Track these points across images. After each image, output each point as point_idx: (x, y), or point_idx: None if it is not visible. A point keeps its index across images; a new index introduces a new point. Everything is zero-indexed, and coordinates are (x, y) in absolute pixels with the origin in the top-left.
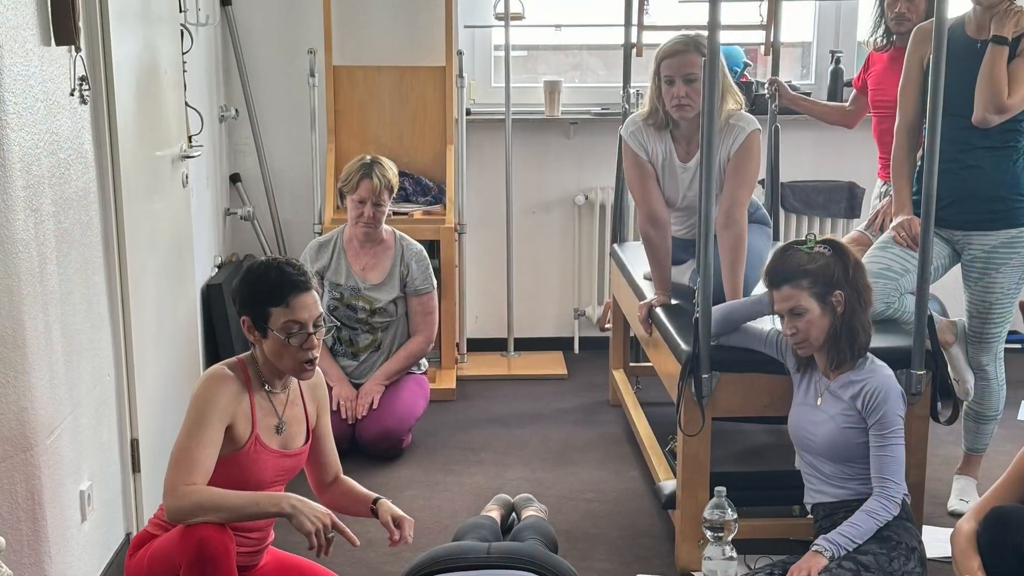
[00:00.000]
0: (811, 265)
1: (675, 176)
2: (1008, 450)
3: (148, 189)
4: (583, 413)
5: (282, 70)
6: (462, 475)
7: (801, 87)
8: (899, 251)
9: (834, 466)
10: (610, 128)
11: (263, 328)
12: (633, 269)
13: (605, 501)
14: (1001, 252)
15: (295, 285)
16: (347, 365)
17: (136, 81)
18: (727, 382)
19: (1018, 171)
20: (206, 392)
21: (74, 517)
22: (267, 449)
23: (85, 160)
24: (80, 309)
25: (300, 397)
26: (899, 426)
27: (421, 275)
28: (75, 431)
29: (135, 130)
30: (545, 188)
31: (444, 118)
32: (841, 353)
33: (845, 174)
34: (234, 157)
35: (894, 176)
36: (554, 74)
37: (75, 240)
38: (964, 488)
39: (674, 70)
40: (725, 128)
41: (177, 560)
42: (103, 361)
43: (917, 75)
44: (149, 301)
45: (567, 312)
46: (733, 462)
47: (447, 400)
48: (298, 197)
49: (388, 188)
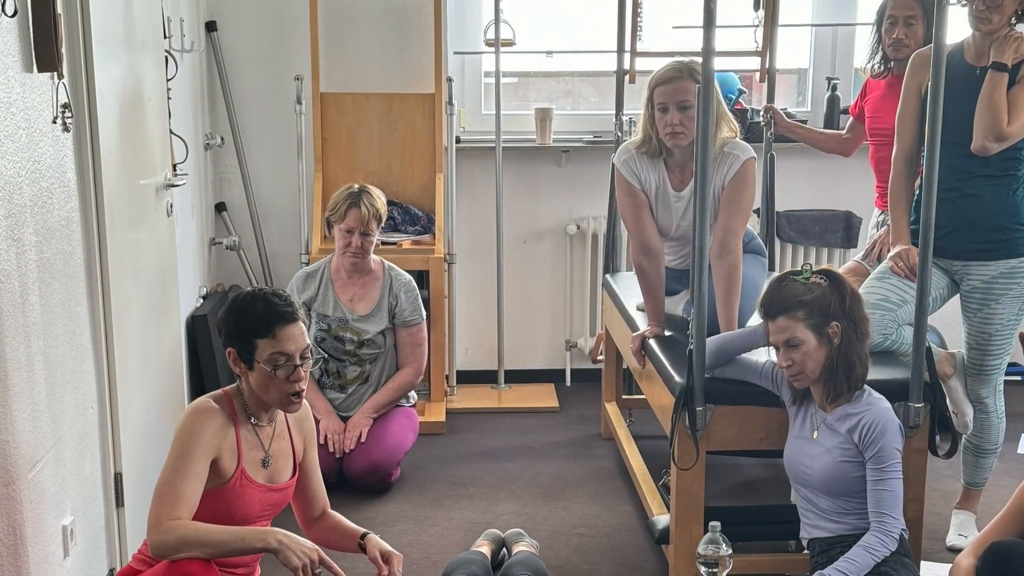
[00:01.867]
0: (807, 296)
1: (668, 205)
2: (1008, 484)
3: (132, 218)
4: (575, 446)
5: (268, 97)
6: (452, 510)
7: (797, 114)
8: (897, 281)
9: (831, 500)
10: (602, 156)
11: (249, 360)
12: (626, 300)
13: (597, 536)
14: (1001, 282)
15: (281, 316)
16: (335, 398)
17: (120, 108)
18: (722, 415)
19: (1018, 200)
20: (191, 425)
21: (56, 552)
22: (253, 483)
23: (68, 189)
24: (63, 341)
25: (287, 430)
26: (897, 460)
27: (410, 306)
28: (58, 465)
29: (119, 158)
30: (536, 217)
31: (433, 146)
32: (838, 386)
33: (842, 203)
34: (219, 186)
35: (892, 205)
36: (545, 101)
37: (58, 270)
38: (963, 523)
39: (668, 97)
40: (719, 156)
41: None
42: (86, 393)
43: (915, 102)
44: (133, 332)
45: (559, 344)
46: (728, 496)
47: (436, 433)
48: (285, 226)
49: (376, 217)
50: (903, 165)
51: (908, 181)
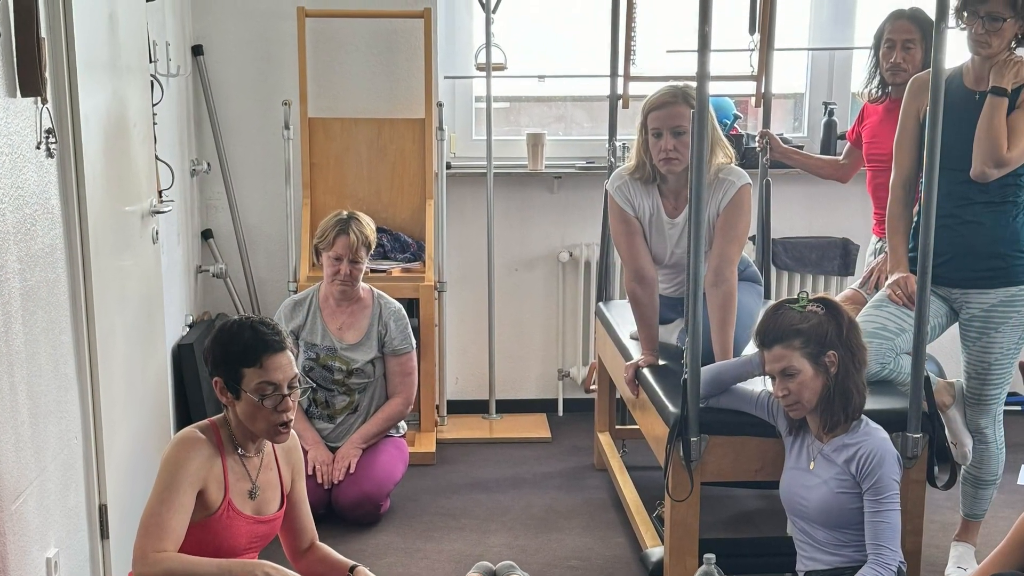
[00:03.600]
0: (803, 324)
1: (663, 232)
2: (1008, 516)
3: (117, 246)
4: (567, 478)
5: (256, 122)
6: (442, 542)
7: (793, 140)
8: (895, 309)
9: (827, 532)
10: (595, 182)
11: (236, 389)
12: (619, 328)
13: (590, 569)
14: (1000, 311)
15: (269, 345)
16: (323, 428)
17: (104, 134)
18: (716, 445)
19: (1018, 227)
20: (177, 456)
21: None
22: (240, 515)
23: (51, 215)
24: (46, 370)
25: (275, 461)
26: (895, 491)
27: (400, 335)
28: (41, 496)
29: (103, 184)
30: (528, 244)
31: (423, 172)
32: (835, 415)
33: (839, 230)
34: (206, 212)
35: (889, 232)
36: (537, 126)
37: (41, 299)
38: (962, 555)
39: (662, 122)
40: (714, 182)
41: None
42: (70, 424)
43: (913, 128)
44: (118, 361)
45: (551, 373)
46: (723, 528)
47: (427, 464)
48: (272, 254)
49: (365, 245)
50: (901, 191)
51: (906, 208)
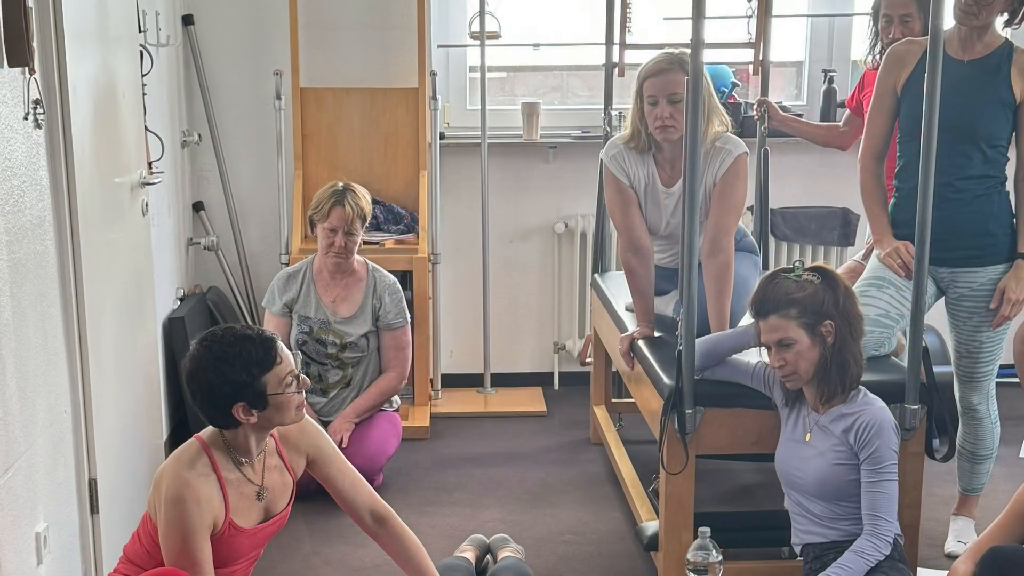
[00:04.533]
0: (799, 294)
1: (658, 202)
2: (1008, 489)
3: (106, 218)
4: (563, 452)
5: (247, 93)
6: (436, 516)
7: (792, 108)
8: (895, 292)
9: (824, 505)
10: (591, 152)
11: (262, 400)
12: (615, 300)
13: (585, 543)
14: (989, 289)
15: (271, 340)
16: (315, 402)
17: (93, 104)
18: (712, 418)
19: (1003, 201)
20: (182, 514)
21: (30, 560)
22: (241, 532)
23: (40, 187)
24: (35, 343)
25: (279, 456)
26: (892, 461)
27: (394, 308)
28: (30, 471)
29: (92, 156)
30: (523, 216)
31: (417, 142)
32: (831, 386)
33: (839, 199)
34: (197, 184)
35: (868, 204)
36: (532, 96)
37: (29, 271)
38: (961, 529)
39: (657, 90)
40: (711, 151)
41: None
42: (59, 398)
43: (889, 99)
44: (107, 335)
45: (546, 346)
46: (718, 502)
47: (420, 438)
48: (264, 226)
49: (361, 217)
50: (872, 163)
51: (879, 179)
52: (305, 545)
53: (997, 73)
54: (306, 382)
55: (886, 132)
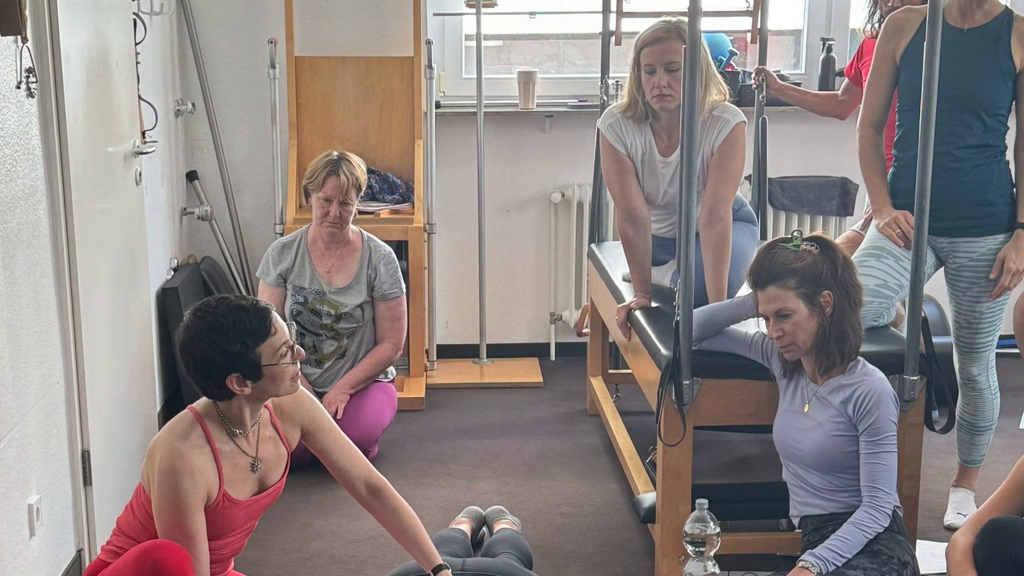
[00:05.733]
0: (797, 264)
1: (655, 171)
2: (1008, 460)
3: (99, 187)
4: (559, 423)
5: (241, 61)
6: (431, 488)
7: (790, 77)
8: (894, 263)
9: (822, 477)
10: (588, 121)
11: (257, 371)
12: (612, 270)
13: (582, 515)
14: (989, 259)
15: (265, 310)
16: (310, 373)
17: (86, 73)
18: (709, 389)
19: (1003, 170)
20: (177, 487)
21: (22, 532)
22: (235, 504)
23: (32, 156)
24: (28, 314)
25: (273, 428)
26: (892, 433)
27: (390, 279)
28: (22, 442)
29: (85, 125)
30: (519, 185)
31: (412, 111)
32: (830, 356)
33: (837, 169)
34: (191, 153)
35: (866, 174)
36: (529, 64)
37: (22, 241)
38: (961, 501)
39: (655, 58)
40: (708, 120)
41: None
42: (52, 368)
43: (888, 68)
44: (101, 305)
45: (542, 316)
46: (716, 473)
47: (415, 410)
48: (259, 195)
49: (356, 186)
50: (871, 131)
51: (878, 147)
52: (300, 517)
53: (997, 41)
54: (301, 353)
55: (885, 101)
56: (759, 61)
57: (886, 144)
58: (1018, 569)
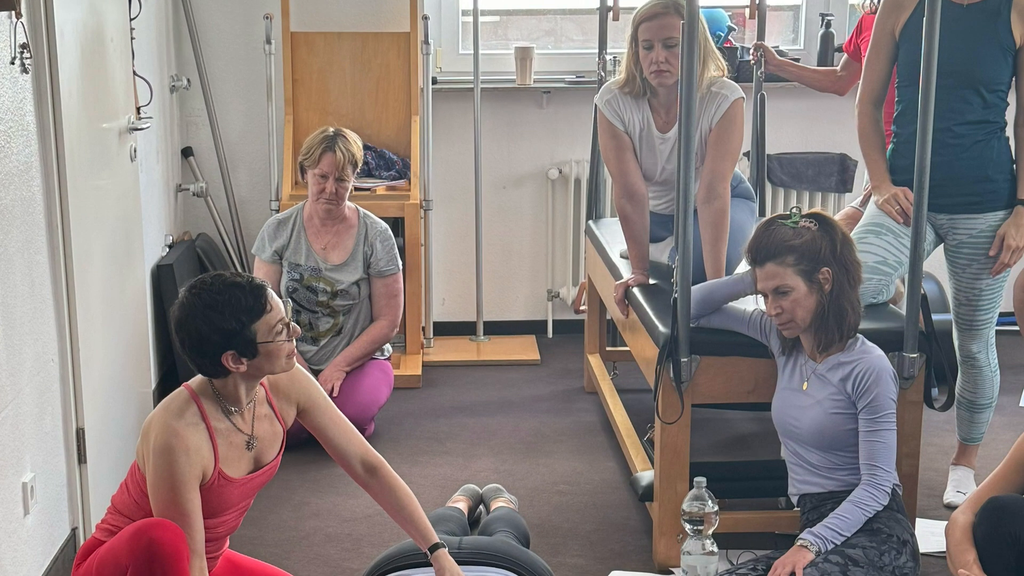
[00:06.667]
0: (796, 241)
1: (653, 147)
2: (1008, 438)
3: (94, 163)
4: (556, 401)
5: (237, 37)
6: (427, 466)
7: (789, 52)
8: (893, 239)
9: (821, 455)
10: (585, 97)
11: (252, 348)
12: (609, 247)
13: (579, 493)
14: (988, 236)
15: (261, 287)
16: (306, 351)
17: (81, 49)
18: (708, 366)
19: (1003, 147)
20: (171, 465)
21: (16, 511)
22: (231, 482)
23: (27, 132)
24: (22, 291)
25: (268, 405)
26: (891, 410)
27: (386, 255)
28: (16, 420)
29: (80, 101)
30: (516, 162)
31: (409, 87)
32: (829, 334)
33: (836, 145)
34: (186, 130)
35: (865, 149)
36: (526, 40)
37: (16, 217)
38: (961, 479)
39: (653, 34)
40: (707, 96)
41: (125, 562)
42: (46, 346)
43: (887, 44)
44: (95, 282)
45: (540, 294)
46: (715, 451)
47: (412, 387)
48: (254, 172)
49: (352, 163)
50: (870, 107)
51: (877, 123)
52: (295, 495)
53: (997, 17)
54: (296, 330)
55: (884, 77)
56: (757, 36)
57: (885, 120)
58: (1018, 547)
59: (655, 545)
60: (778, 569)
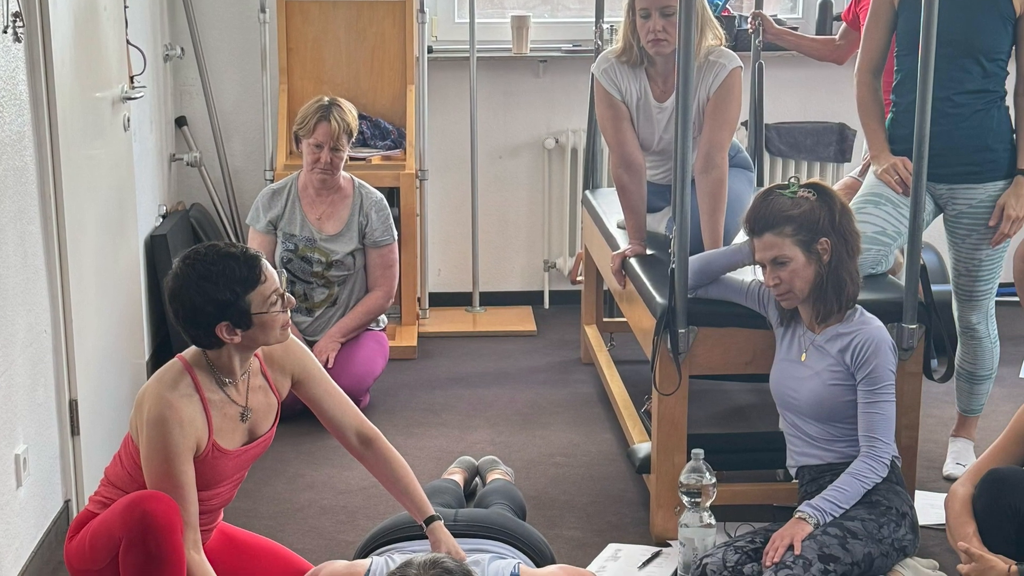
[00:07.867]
0: (794, 211)
1: (650, 117)
2: (1008, 410)
3: (87, 133)
4: (553, 372)
5: (231, 5)
6: (423, 438)
7: (787, 21)
8: (892, 209)
9: (819, 427)
10: (582, 66)
11: (247, 319)
12: (606, 217)
13: (576, 465)
14: (988, 206)
15: (255, 257)
16: (301, 321)
17: (74, 17)
18: (705, 337)
19: (1002, 116)
20: (165, 436)
21: (9, 483)
22: (225, 453)
23: (19, 102)
24: (14, 261)
25: (263, 377)
26: (890, 382)
27: (381, 226)
28: (8, 391)
29: (73, 70)
30: (512, 131)
31: (404, 56)
32: (828, 304)
33: (835, 115)
34: (179, 99)
35: (864, 120)
36: (522, 8)
37: (8, 187)
38: (960, 451)
39: (650, 3)
40: (704, 65)
41: (118, 534)
42: (39, 317)
43: (887, 12)
44: (88, 252)
45: (536, 264)
46: (712, 423)
47: (407, 359)
48: (248, 142)
49: (347, 132)
50: (869, 76)
51: (876, 92)
52: (290, 467)
53: None
54: (291, 301)
55: (883, 46)
56: (755, 5)
57: (884, 89)
58: (1018, 519)
59: (652, 517)
60: (776, 542)
